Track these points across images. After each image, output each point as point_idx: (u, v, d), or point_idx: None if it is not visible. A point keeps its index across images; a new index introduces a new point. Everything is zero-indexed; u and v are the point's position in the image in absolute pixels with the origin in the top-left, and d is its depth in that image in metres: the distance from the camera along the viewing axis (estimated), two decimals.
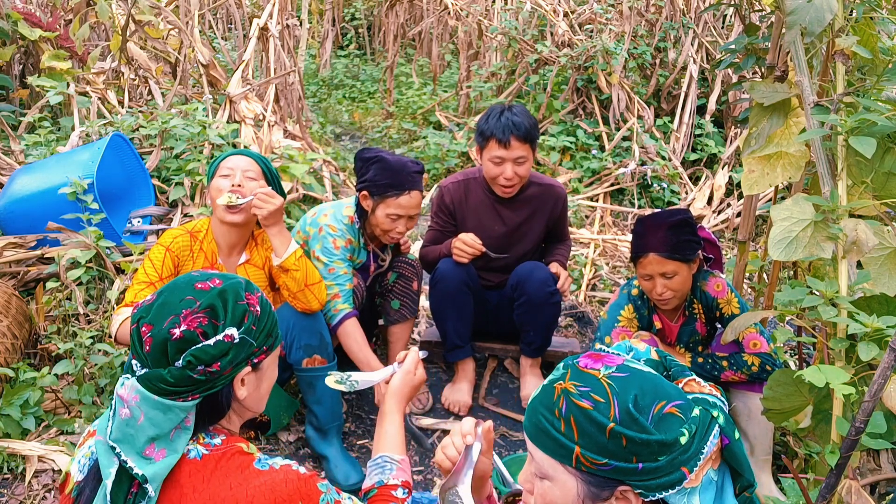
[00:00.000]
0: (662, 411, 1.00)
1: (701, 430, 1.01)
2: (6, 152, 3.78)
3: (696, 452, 1.00)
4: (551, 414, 1.04)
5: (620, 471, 1.00)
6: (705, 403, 1.05)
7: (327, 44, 8.17)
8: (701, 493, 1.02)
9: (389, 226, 2.54)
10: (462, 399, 2.84)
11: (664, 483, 0.99)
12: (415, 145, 5.67)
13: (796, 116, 2.10)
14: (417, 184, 2.54)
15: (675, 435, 0.99)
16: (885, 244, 1.73)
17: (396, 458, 1.49)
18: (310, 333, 2.40)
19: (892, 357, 1.49)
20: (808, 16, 1.80)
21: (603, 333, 2.53)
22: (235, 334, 1.23)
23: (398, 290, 2.82)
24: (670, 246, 2.29)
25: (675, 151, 5.29)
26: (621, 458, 0.99)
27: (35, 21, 4.33)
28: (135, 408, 1.19)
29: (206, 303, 1.23)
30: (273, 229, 2.29)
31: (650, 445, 0.98)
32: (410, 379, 1.65)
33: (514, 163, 2.68)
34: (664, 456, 0.98)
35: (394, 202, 2.50)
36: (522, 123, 2.64)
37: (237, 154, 2.35)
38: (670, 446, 0.98)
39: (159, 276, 2.21)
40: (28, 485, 2.30)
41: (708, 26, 5.94)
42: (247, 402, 1.31)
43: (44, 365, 2.75)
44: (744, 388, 2.38)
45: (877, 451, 2.38)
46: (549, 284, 2.72)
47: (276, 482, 1.19)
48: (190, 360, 1.19)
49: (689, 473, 0.99)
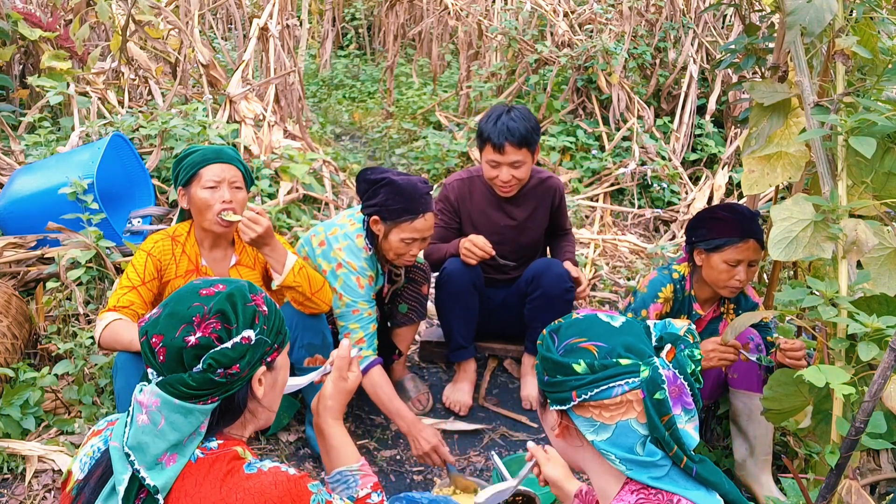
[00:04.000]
0: (578, 345, 1.20)
1: (610, 371, 1.17)
2: (6, 152, 3.78)
3: (591, 384, 1.17)
4: None
5: (541, 382, 1.26)
6: (650, 365, 1.17)
7: (327, 44, 8.17)
8: (617, 437, 1.18)
9: (404, 250, 2.45)
10: (463, 399, 2.84)
11: (558, 398, 1.21)
12: (415, 145, 5.67)
13: (796, 116, 2.11)
14: (430, 205, 2.44)
15: (569, 361, 1.19)
16: (885, 244, 1.73)
17: (354, 468, 1.45)
18: (312, 332, 2.40)
19: (892, 357, 1.49)
20: (808, 16, 1.80)
21: (638, 306, 2.51)
22: (252, 335, 1.25)
23: (408, 295, 2.80)
24: (761, 235, 2.33)
25: (675, 151, 5.29)
26: (542, 371, 1.25)
27: (35, 21, 4.33)
28: (155, 413, 1.20)
29: (215, 308, 1.24)
30: (265, 249, 2.20)
31: (548, 362, 1.23)
32: (343, 386, 1.53)
33: (510, 166, 2.68)
34: (560, 375, 1.20)
35: (408, 227, 2.40)
36: (518, 129, 2.62)
37: (215, 160, 2.25)
38: (563, 367, 1.20)
39: (141, 281, 2.20)
40: (28, 485, 2.30)
41: (708, 26, 5.94)
42: (265, 400, 1.32)
43: (44, 365, 2.74)
44: (744, 388, 2.38)
45: (877, 451, 2.38)
46: (565, 280, 2.73)
47: (265, 485, 1.19)
48: (210, 363, 1.20)
49: (577, 398, 1.18)
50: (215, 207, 2.21)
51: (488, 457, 2.62)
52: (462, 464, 2.60)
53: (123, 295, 2.17)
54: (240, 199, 2.26)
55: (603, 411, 1.18)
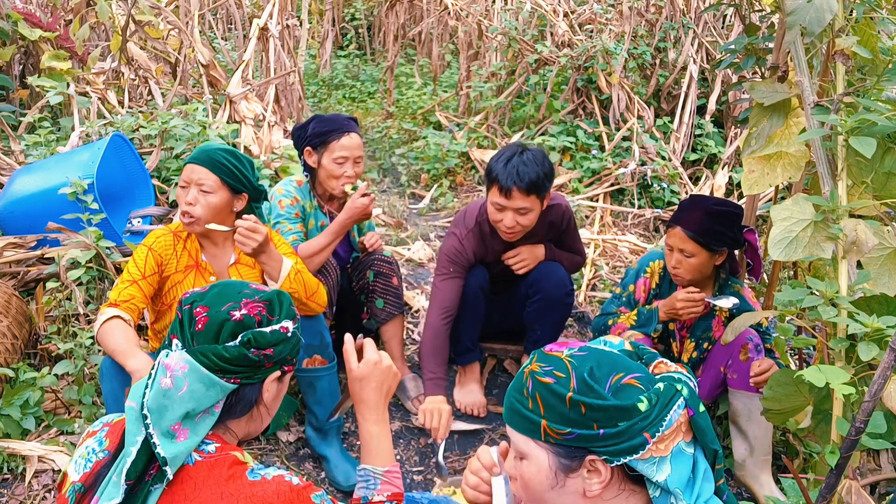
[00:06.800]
0: (620, 382, 1.07)
1: (663, 399, 1.06)
2: (6, 152, 3.78)
3: (658, 419, 1.05)
4: (520, 394, 1.12)
5: (584, 438, 1.06)
6: (670, 380, 1.10)
7: (327, 44, 8.16)
8: (673, 463, 1.07)
9: (338, 171, 2.64)
10: (477, 399, 2.84)
11: (627, 448, 1.04)
12: (415, 145, 5.67)
13: (796, 116, 2.11)
14: (354, 127, 2.69)
15: (632, 401, 1.04)
16: (885, 244, 1.73)
17: (380, 471, 1.43)
18: (310, 334, 2.40)
19: (892, 357, 1.49)
20: (808, 16, 1.80)
21: (628, 281, 2.65)
22: (290, 327, 1.32)
23: (380, 289, 2.83)
24: (699, 228, 2.32)
25: (675, 151, 5.28)
26: (582, 425, 1.05)
27: (35, 21, 4.33)
28: (179, 377, 1.22)
29: (264, 297, 1.33)
30: (262, 257, 2.20)
31: (607, 411, 1.04)
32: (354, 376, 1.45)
33: (515, 212, 2.51)
34: (624, 422, 1.04)
35: (337, 145, 2.63)
36: (528, 174, 2.44)
37: (197, 160, 2.23)
38: (629, 412, 1.04)
39: (142, 275, 2.21)
40: (28, 485, 2.30)
41: (708, 26, 5.94)
42: (268, 405, 1.36)
43: (44, 365, 2.75)
44: (744, 389, 2.38)
45: (877, 451, 2.38)
46: (565, 284, 2.74)
47: (267, 494, 1.19)
48: (249, 339, 1.26)
49: (652, 438, 1.04)
50: (181, 208, 2.24)
51: None
52: (462, 464, 2.60)
53: (125, 289, 2.18)
54: (207, 204, 2.21)
55: (659, 444, 1.07)
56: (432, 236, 4.51)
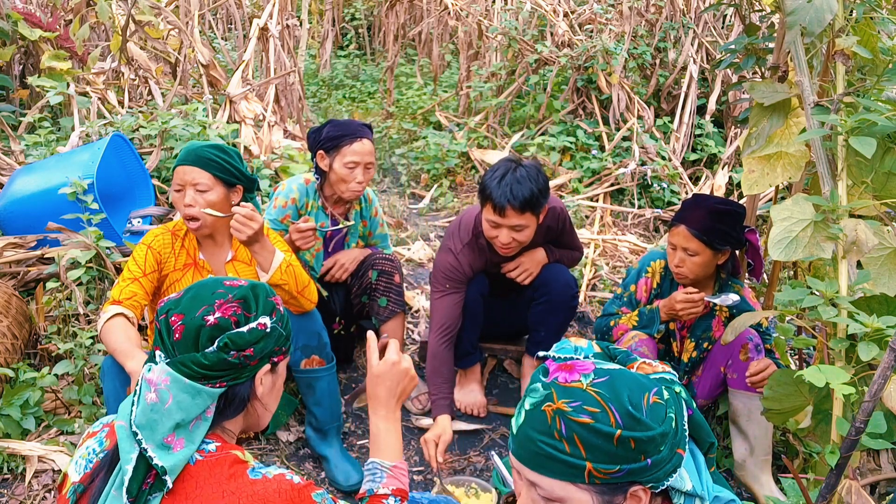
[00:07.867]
0: (650, 403, 1.02)
1: (678, 409, 1.05)
2: (6, 152, 3.78)
3: (683, 431, 1.04)
4: (551, 437, 1.02)
5: (633, 472, 1.00)
6: (664, 383, 1.09)
7: (327, 44, 8.16)
8: (685, 466, 1.07)
9: (349, 176, 2.66)
10: (477, 399, 2.85)
11: (670, 469, 1.02)
12: (415, 145, 5.67)
13: (796, 116, 2.11)
14: (367, 134, 2.71)
15: (668, 422, 1.02)
16: (885, 244, 1.73)
17: (387, 465, 1.45)
18: (308, 334, 2.40)
19: (892, 357, 1.49)
20: (808, 16, 1.80)
21: (629, 281, 2.66)
22: (268, 323, 1.29)
23: (382, 287, 2.82)
24: (703, 226, 2.33)
25: (675, 151, 5.28)
26: (631, 460, 1.00)
27: (35, 21, 4.33)
28: (163, 391, 1.21)
29: (238, 295, 1.29)
30: (255, 247, 2.20)
31: (655, 440, 1.00)
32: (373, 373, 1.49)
33: (510, 229, 2.45)
34: (665, 445, 1.01)
35: (348, 150, 2.65)
36: (522, 192, 2.37)
37: (186, 161, 2.22)
38: (669, 435, 1.01)
39: (143, 272, 2.22)
40: (28, 485, 2.30)
41: (708, 26, 5.94)
42: (264, 399, 1.34)
43: (44, 365, 2.75)
44: (744, 389, 2.38)
45: (877, 451, 2.38)
46: (571, 287, 2.75)
47: (268, 492, 1.19)
48: (226, 342, 1.23)
49: (684, 453, 1.04)
50: (181, 210, 2.25)
51: (488, 457, 2.62)
52: (462, 464, 2.60)
53: (126, 287, 2.19)
54: (207, 202, 2.21)
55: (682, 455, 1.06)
56: (432, 236, 4.51)
